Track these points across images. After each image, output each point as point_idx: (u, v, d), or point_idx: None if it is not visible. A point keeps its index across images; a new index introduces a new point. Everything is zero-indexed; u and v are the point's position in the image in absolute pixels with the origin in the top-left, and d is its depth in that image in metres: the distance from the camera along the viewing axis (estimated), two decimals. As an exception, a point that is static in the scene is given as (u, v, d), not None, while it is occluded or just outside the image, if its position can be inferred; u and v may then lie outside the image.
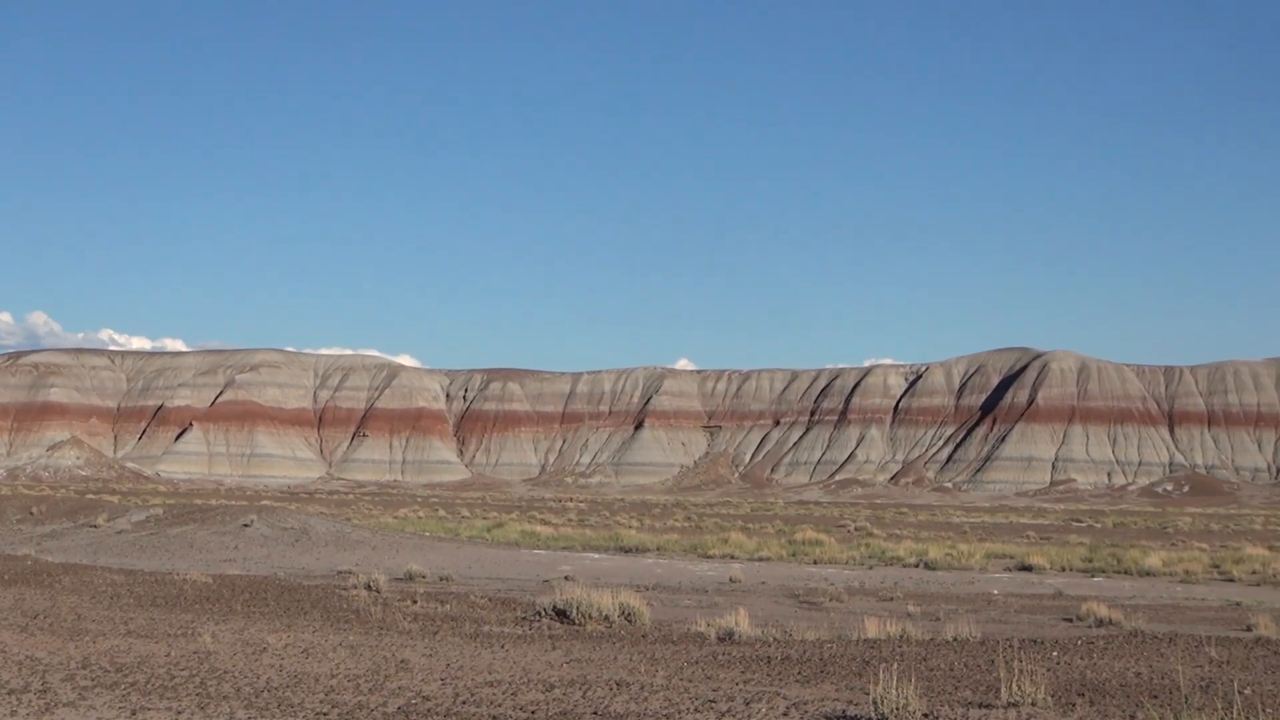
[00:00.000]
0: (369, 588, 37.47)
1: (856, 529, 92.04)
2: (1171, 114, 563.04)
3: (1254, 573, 54.00)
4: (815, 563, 57.99)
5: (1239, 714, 15.11)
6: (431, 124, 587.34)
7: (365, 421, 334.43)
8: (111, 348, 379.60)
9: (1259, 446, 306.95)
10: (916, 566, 56.30)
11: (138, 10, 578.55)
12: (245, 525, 61.97)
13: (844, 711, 18.02)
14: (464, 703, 18.61)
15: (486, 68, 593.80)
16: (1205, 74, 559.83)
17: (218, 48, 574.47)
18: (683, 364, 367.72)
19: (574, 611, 29.25)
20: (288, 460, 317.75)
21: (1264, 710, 16.81)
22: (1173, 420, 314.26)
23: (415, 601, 33.97)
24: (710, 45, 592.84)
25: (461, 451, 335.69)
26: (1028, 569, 55.72)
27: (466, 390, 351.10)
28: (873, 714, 17.18)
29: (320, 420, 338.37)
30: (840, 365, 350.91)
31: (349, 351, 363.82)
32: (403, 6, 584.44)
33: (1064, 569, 56.44)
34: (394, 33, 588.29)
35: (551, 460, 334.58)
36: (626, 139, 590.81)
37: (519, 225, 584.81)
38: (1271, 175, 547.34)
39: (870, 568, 55.66)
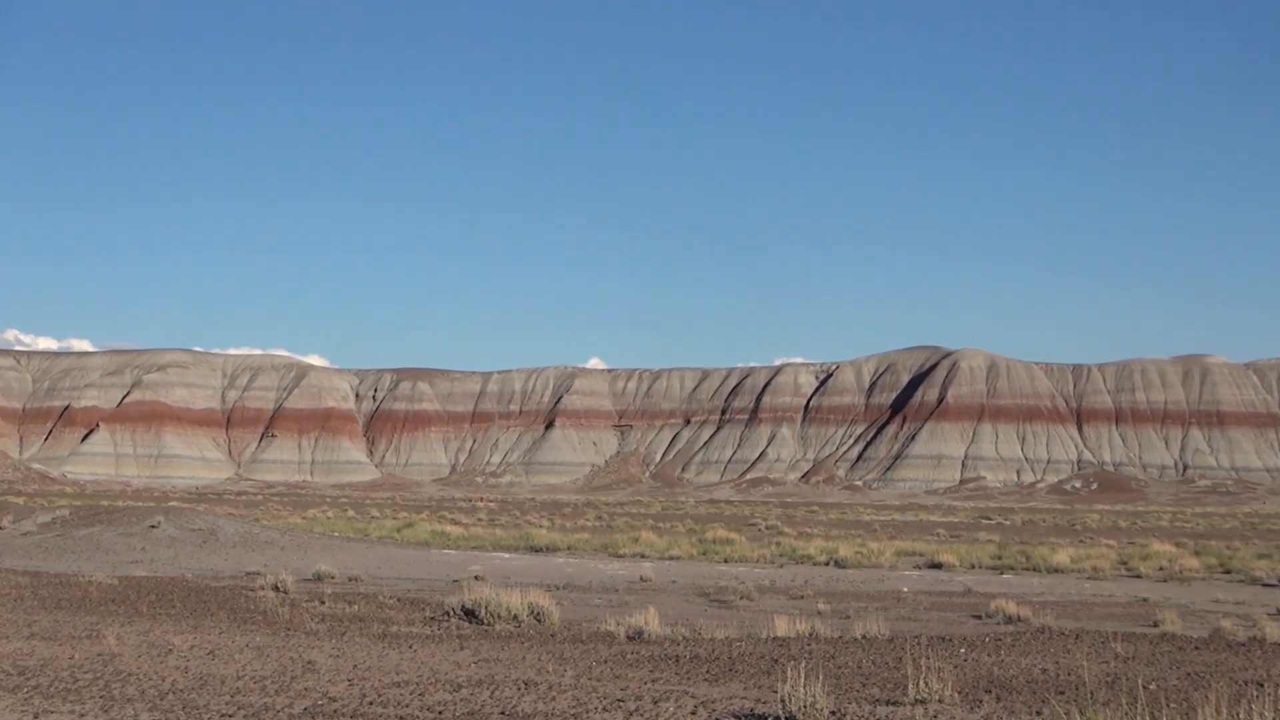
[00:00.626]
0: (277, 588, 37.23)
1: (767, 527, 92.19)
2: (1077, 112, 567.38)
3: (1161, 569, 54.45)
4: (726, 561, 58.03)
5: (1143, 709, 15.19)
6: (336, 123, 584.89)
7: (274, 422, 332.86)
8: (17, 348, 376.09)
9: (1166, 444, 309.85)
10: (827, 564, 56.41)
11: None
12: (153, 526, 61.45)
13: (752, 710, 18.02)
14: (370, 703, 18.50)
15: (387, 68, 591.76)
16: (1112, 68, 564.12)
17: (121, 49, 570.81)
18: (593, 363, 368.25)
19: (483, 611, 29.14)
20: (196, 461, 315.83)
21: (1168, 705, 16.93)
22: (1081, 418, 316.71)
23: (323, 602, 33.78)
24: (618, 46, 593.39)
25: (371, 451, 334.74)
26: (937, 566, 55.93)
27: (376, 390, 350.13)
28: (780, 712, 17.18)
29: (228, 421, 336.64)
30: (751, 364, 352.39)
31: (257, 351, 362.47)
32: None
33: (973, 566, 56.67)
34: (294, 33, 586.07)
35: (462, 460, 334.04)
36: (532, 136, 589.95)
37: (427, 224, 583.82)
38: (1178, 175, 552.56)
39: (781, 566, 55.76)
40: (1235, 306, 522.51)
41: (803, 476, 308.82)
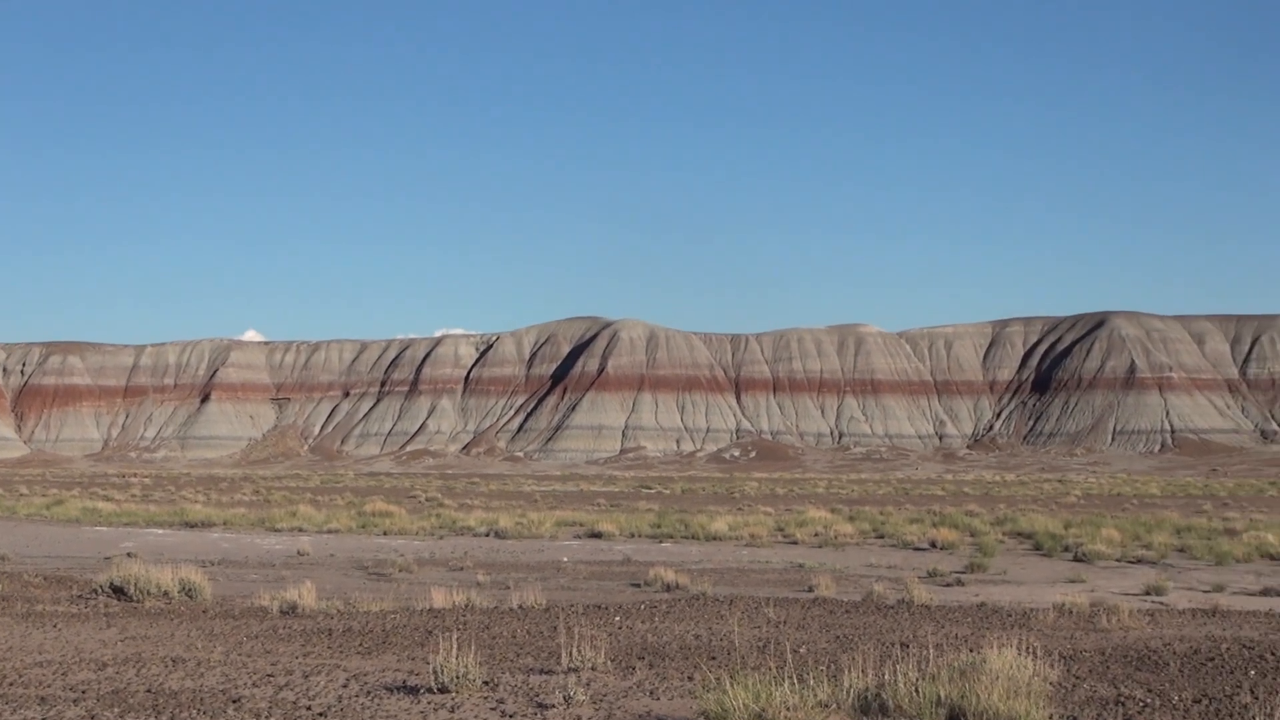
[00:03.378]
0: (-84, 569, 36.04)
1: (428, 500, 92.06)
2: (737, 84, 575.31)
3: (816, 535, 55.37)
4: (385, 534, 57.73)
5: (790, 671, 15.37)
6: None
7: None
8: None
9: (821, 412, 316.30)
10: (487, 536, 56.38)
11: None
12: None
13: (404, 682, 17.91)
14: (10, 684, 17.93)
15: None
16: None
17: None
18: (250, 335, 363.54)
19: (132, 588, 28.54)
20: None
21: (815, 667, 17.15)
22: (739, 387, 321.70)
23: (-35, 582, 32.74)
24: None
25: (20, 427, 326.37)
26: (598, 536, 56.23)
27: (24, 364, 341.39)
28: (433, 683, 17.08)
29: None
30: (411, 335, 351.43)
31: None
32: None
33: (633, 535, 57.12)
34: None
35: (115, 435, 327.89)
36: (190, 107, 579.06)
37: (76, 191, 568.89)
38: (824, 156, 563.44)
39: (441, 538, 55.60)
40: (888, 278, 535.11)
41: (464, 448, 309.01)
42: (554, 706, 16.25)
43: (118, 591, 28.80)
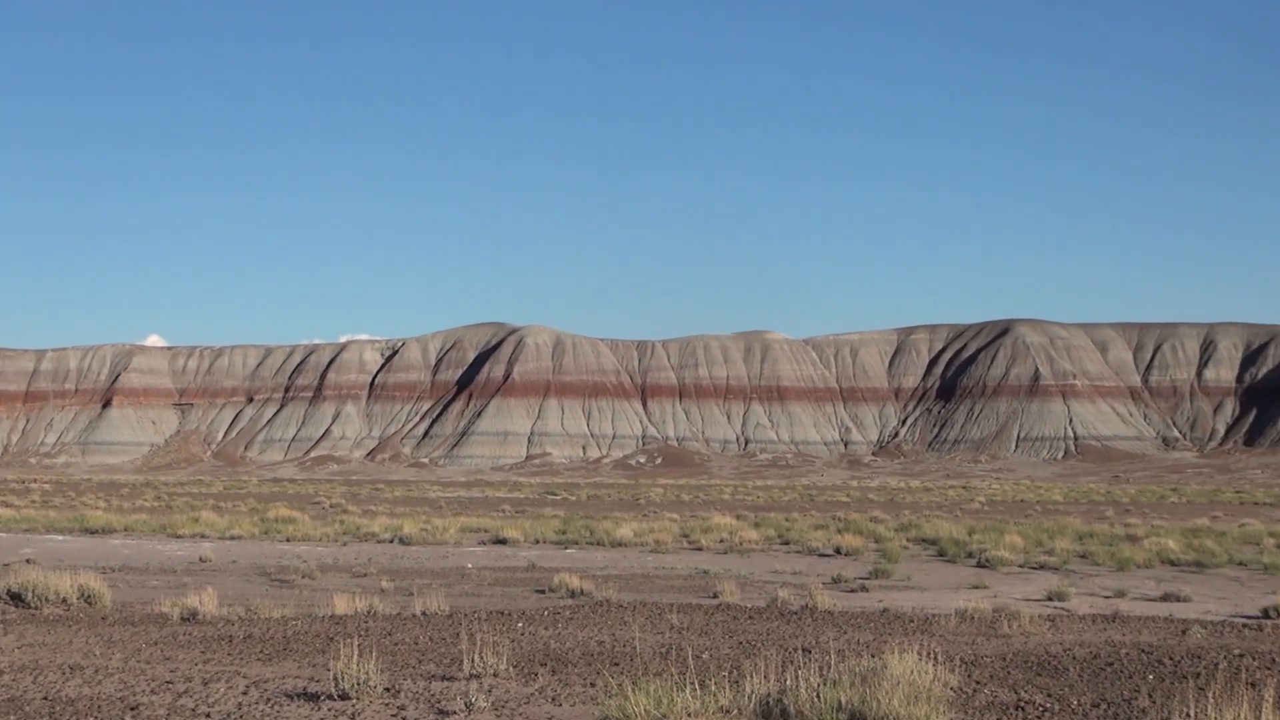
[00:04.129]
0: None
1: (331, 506, 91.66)
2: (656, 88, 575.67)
3: (722, 541, 55.37)
4: (289, 540, 57.36)
5: (692, 677, 15.38)
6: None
7: None
8: None
9: (728, 418, 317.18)
10: (391, 542, 56.11)
11: None
12: None
13: (305, 689, 17.80)
14: (-97, 693, 17.70)
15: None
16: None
17: None
18: (153, 340, 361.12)
19: (30, 595, 28.23)
20: None
21: (717, 673, 17.16)
22: (645, 393, 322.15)
23: None
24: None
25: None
26: (502, 542, 56.05)
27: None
28: (334, 690, 16.98)
29: None
30: (315, 341, 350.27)
31: None
32: None
33: (538, 541, 56.97)
34: None
35: (15, 440, 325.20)
36: (94, 109, 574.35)
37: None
38: (733, 164, 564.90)
39: (345, 544, 55.31)
40: (793, 285, 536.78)
41: (369, 454, 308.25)
42: (455, 713, 16.20)
43: (15, 598, 28.50)
